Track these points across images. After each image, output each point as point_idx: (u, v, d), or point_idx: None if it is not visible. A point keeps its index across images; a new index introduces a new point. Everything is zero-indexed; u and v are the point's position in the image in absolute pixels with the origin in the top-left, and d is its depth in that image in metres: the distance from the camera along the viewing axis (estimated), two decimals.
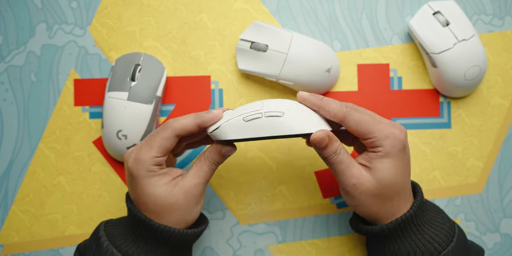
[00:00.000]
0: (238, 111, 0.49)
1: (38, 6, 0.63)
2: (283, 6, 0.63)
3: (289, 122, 0.48)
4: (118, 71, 0.59)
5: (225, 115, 0.50)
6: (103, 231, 0.52)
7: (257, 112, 0.48)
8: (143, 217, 0.50)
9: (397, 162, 0.48)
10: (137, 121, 0.58)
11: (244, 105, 0.50)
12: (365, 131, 0.48)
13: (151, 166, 0.50)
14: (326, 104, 0.49)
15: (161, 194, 0.50)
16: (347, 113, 0.49)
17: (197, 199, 0.51)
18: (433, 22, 0.59)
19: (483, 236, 0.62)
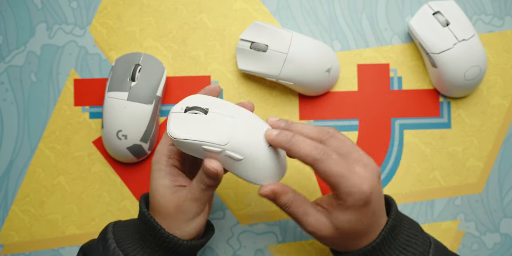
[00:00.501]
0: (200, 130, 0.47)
1: (38, 6, 0.63)
2: (283, 6, 0.63)
3: (244, 170, 0.48)
4: (118, 71, 0.59)
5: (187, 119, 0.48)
6: (111, 232, 0.51)
7: (218, 147, 0.47)
8: (154, 224, 0.50)
9: (358, 216, 0.47)
10: (137, 121, 0.58)
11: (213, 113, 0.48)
12: (331, 183, 0.47)
13: (163, 157, 0.51)
14: (295, 146, 0.46)
15: (160, 193, 0.50)
16: (316, 161, 0.46)
17: (189, 215, 0.50)
18: (433, 22, 0.59)
19: (483, 236, 0.62)
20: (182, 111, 0.48)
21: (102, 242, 0.51)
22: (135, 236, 0.51)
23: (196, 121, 0.48)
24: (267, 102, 0.62)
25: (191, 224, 0.51)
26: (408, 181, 0.62)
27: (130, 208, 0.62)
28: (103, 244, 0.51)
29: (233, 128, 0.47)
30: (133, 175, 0.62)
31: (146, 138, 0.59)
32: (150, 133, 0.59)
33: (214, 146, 0.47)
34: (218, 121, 0.48)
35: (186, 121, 0.48)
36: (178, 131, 0.47)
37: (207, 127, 0.47)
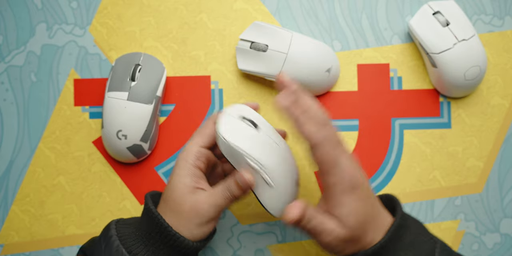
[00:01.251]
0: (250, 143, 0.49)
1: (38, 6, 0.63)
2: (283, 6, 0.63)
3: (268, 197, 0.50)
4: (118, 71, 0.59)
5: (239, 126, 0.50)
6: (114, 229, 0.51)
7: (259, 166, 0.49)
8: (161, 221, 0.50)
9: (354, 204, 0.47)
10: (137, 121, 0.58)
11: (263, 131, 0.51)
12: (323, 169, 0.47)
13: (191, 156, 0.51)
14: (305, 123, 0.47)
15: (178, 190, 0.51)
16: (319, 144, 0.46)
17: (203, 219, 0.50)
18: (433, 22, 0.59)
19: (483, 236, 0.62)
20: (236, 117, 0.51)
21: (105, 239, 0.50)
22: (138, 234, 0.51)
23: (247, 133, 0.50)
24: (267, 102, 0.62)
25: (202, 228, 0.51)
26: (408, 181, 0.62)
27: (130, 208, 0.62)
28: (106, 241, 0.50)
29: (278, 155, 0.50)
30: (133, 175, 0.62)
31: (146, 138, 0.59)
32: (150, 133, 0.59)
33: (255, 163, 0.49)
34: (266, 142, 0.50)
35: (238, 128, 0.50)
36: (230, 135, 0.49)
37: (256, 143, 0.49)
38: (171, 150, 0.62)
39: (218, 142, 0.50)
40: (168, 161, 0.62)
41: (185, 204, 0.50)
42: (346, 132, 0.62)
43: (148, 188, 0.62)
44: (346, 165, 0.47)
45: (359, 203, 0.47)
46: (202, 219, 0.50)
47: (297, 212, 0.47)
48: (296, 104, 0.47)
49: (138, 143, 0.59)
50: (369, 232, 0.48)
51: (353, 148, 0.62)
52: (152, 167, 0.62)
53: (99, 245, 0.50)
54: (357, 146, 0.62)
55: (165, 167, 0.62)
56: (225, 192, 0.50)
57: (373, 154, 0.62)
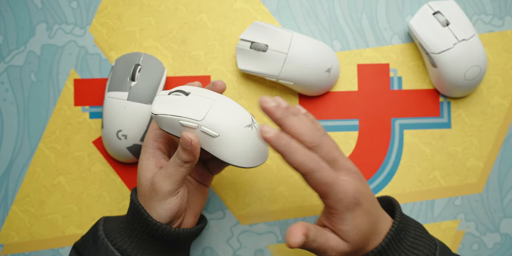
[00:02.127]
0: (180, 107, 0.48)
1: (38, 6, 0.63)
2: (283, 6, 0.63)
3: (220, 147, 0.48)
4: (118, 71, 0.59)
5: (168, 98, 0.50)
6: (101, 225, 0.51)
7: (194, 122, 0.48)
8: (142, 211, 0.50)
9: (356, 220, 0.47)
10: (137, 121, 0.58)
11: (194, 95, 0.49)
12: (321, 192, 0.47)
13: (149, 140, 0.52)
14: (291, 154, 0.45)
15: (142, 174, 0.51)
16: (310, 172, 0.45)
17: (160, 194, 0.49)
18: (433, 22, 0.59)
19: (483, 236, 0.62)
20: (166, 93, 0.50)
21: (92, 234, 0.51)
22: (123, 226, 0.51)
23: (177, 101, 0.49)
24: None
25: (163, 204, 0.50)
26: (408, 181, 0.62)
27: None
28: (93, 236, 0.51)
29: (210, 105, 0.48)
30: (133, 175, 0.62)
31: None
32: None
33: (190, 121, 0.48)
34: (197, 100, 0.49)
35: (168, 101, 0.50)
36: (156, 108, 0.49)
37: (187, 105, 0.49)
38: None
39: (155, 120, 0.50)
40: None
41: (147, 184, 0.50)
42: (346, 132, 0.62)
43: None
44: (344, 184, 0.46)
45: (362, 218, 0.47)
46: (160, 193, 0.49)
47: (300, 236, 0.45)
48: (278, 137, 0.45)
49: (138, 143, 0.59)
50: (370, 241, 0.48)
51: (353, 148, 0.62)
52: None
53: (87, 241, 0.51)
54: (357, 146, 0.62)
55: None
56: (174, 160, 0.49)
57: (373, 154, 0.62)
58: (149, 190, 0.50)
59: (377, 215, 0.49)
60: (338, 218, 0.47)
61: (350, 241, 0.47)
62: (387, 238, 0.48)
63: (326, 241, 0.47)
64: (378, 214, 0.49)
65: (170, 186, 0.49)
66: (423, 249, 0.49)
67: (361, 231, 0.47)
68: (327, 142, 0.48)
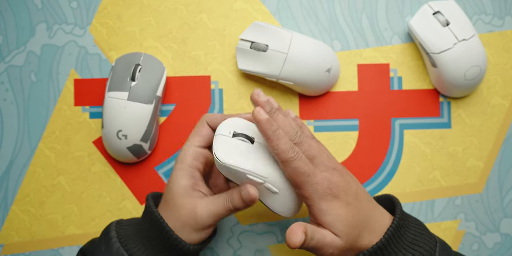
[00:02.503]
0: (247, 159, 0.49)
1: (38, 6, 0.63)
2: (283, 6, 0.63)
3: (275, 202, 0.50)
4: (118, 71, 0.59)
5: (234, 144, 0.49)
6: (114, 231, 0.51)
7: (261, 178, 0.49)
8: (164, 225, 0.50)
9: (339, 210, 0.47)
10: (137, 121, 0.58)
11: (258, 143, 0.50)
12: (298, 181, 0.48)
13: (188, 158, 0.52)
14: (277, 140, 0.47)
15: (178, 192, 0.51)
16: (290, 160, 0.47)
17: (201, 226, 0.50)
18: (433, 22, 0.59)
19: (483, 236, 0.62)
20: (230, 135, 0.50)
21: (105, 241, 0.50)
22: (139, 235, 0.51)
23: (243, 149, 0.49)
24: None
25: (200, 233, 0.51)
26: (408, 181, 0.62)
27: (130, 208, 0.62)
28: (106, 243, 0.50)
29: (273, 160, 0.49)
30: (133, 175, 0.62)
31: (146, 138, 0.59)
32: (150, 133, 0.59)
33: (257, 177, 0.48)
34: (263, 152, 0.49)
35: (233, 146, 0.49)
36: (225, 156, 0.48)
37: (253, 157, 0.49)
38: (171, 150, 0.62)
39: (216, 164, 0.49)
40: (168, 161, 0.62)
41: (183, 208, 0.50)
42: (346, 132, 0.62)
43: (148, 188, 0.62)
44: (321, 176, 0.48)
45: (342, 210, 0.48)
46: (200, 225, 0.50)
47: (301, 234, 0.46)
48: (269, 121, 0.47)
49: (138, 143, 0.59)
50: (365, 235, 0.49)
51: (353, 148, 0.62)
52: (152, 167, 0.62)
53: (99, 247, 0.50)
54: (357, 146, 0.62)
55: (165, 167, 0.62)
56: (227, 203, 0.50)
57: (373, 154, 0.62)
58: (186, 215, 0.50)
59: (366, 210, 0.49)
60: (316, 209, 0.48)
61: (340, 234, 0.47)
62: (387, 234, 0.48)
63: (323, 238, 0.47)
64: (368, 209, 0.50)
65: (213, 222, 0.51)
66: (423, 245, 0.49)
67: (346, 223, 0.48)
68: (308, 142, 0.49)
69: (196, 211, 0.50)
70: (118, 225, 0.52)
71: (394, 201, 0.52)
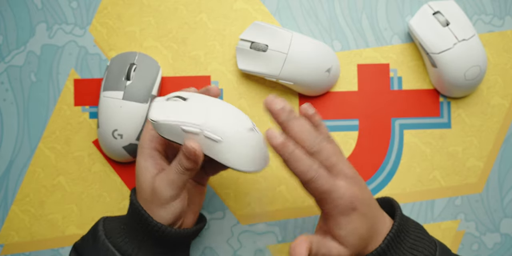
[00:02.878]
0: (180, 113, 0.48)
1: (38, 6, 0.63)
2: (283, 6, 0.63)
3: (223, 152, 0.48)
4: (113, 70, 0.59)
5: (167, 105, 0.49)
6: (101, 225, 0.51)
7: (196, 127, 0.47)
8: (140, 209, 0.50)
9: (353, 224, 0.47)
10: (133, 120, 0.58)
11: (193, 100, 0.49)
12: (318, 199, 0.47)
13: (145, 141, 0.51)
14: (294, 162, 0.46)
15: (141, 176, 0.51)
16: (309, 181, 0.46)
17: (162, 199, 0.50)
18: (433, 22, 0.59)
19: (483, 236, 0.62)
20: (164, 99, 0.50)
21: (93, 235, 0.51)
22: (123, 227, 0.51)
23: (175, 107, 0.48)
24: None
25: (166, 209, 0.50)
26: (408, 181, 0.62)
27: None
28: (94, 237, 0.51)
29: (211, 110, 0.48)
30: (133, 175, 0.62)
31: None
32: None
33: (192, 126, 0.47)
34: (196, 105, 0.48)
35: (167, 107, 0.49)
36: (157, 115, 0.48)
37: (186, 110, 0.48)
38: None
39: (153, 127, 0.49)
40: None
41: (148, 187, 0.50)
42: (346, 132, 0.62)
43: None
44: (340, 190, 0.47)
45: (358, 223, 0.47)
46: (162, 199, 0.49)
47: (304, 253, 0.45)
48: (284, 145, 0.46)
49: (134, 142, 0.59)
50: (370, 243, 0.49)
51: (353, 148, 0.62)
52: None
53: (87, 242, 0.51)
54: (357, 146, 0.62)
55: None
56: (177, 166, 0.49)
57: (373, 154, 0.62)
58: (150, 194, 0.50)
59: (375, 218, 0.49)
60: (334, 223, 0.47)
61: (349, 246, 0.47)
62: (387, 240, 0.48)
63: (328, 252, 0.47)
64: (376, 216, 0.49)
65: (172, 191, 0.50)
66: (423, 250, 0.49)
67: (358, 236, 0.47)
68: (326, 148, 0.48)
69: (155, 186, 0.50)
70: (106, 220, 0.53)
71: (394, 205, 0.52)
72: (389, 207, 0.53)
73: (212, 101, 0.50)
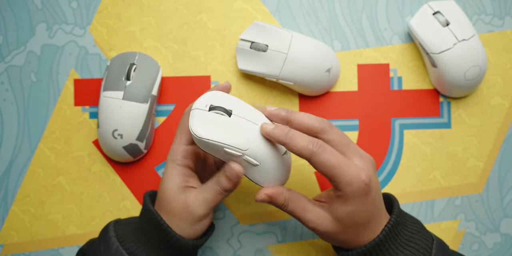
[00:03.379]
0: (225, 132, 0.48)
1: (38, 6, 0.63)
2: (283, 6, 0.63)
3: (257, 174, 0.49)
4: (113, 70, 0.59)
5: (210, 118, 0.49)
6: (112, 231, 0.51)
7: (239, 151, 0.48)
8: (161, 222, 0.50)
9: (358, 207, 0.47)
10: (133, 120, 0.58)
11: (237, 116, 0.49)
12: (328, 175, 0.47)
13: (178, 156, 0.51)
14: (291, 140, 0.46)
15: (169, 192, 0.51)
16: (313, 154, 0.46)
17: (195, 217, 0.50)
18: (433, 22, 0.59)
19: (483, 236, 0.62)
20: (206, 109, 0.49)
21: (104, 241, 0.50)
22: (138, 234, 0.51)
23: (220, 122, 0.48)
24: (267, 102, 0.62)
25: (196, 226, 0.51)
26: (408, 181, 0.62)
27: (130, 208, 0.62)
28: (105, 243, 0.50)
29: (255, 134, 0.48)
30: (133, 175, 0.62)
31: (142, 137, 0.59)
32: (146, 132, 0.59)
33: (235, 150, 0.48)
34: (241, 125, 0.48)
35: (210, 120, 0.48)
36: (202, 131, 0.48)
37: (231, 130, 0.48)
38: None
39: (194, 139, 0.49)
40: None
41: (177, 204, 0.50)
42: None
43: (148, 188, 0.62)
44: (356, 169, 0.47)
45: (365, 207, 0.47)
46: (195, 217, 0.50)
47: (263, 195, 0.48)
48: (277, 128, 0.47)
49: (134, 142, 0.59)
50: (365, 232, 0.49)
51: None
52: (152, 167, 0.62)
53: (98, 247, 0.50)
54: None
55: None
56: (215, 187, 0.50)
57: (373, 154, 0.62)
58: (179, 210, 0.50)
59: (378, 209, 0.49)
60: (342, 200, 0.47)
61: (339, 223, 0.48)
62: (385, 231, 0.49)
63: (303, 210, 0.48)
64: (380, 208, 0.50)
65: (206, 211, 0.50)
66: (420, 243, 0.49)
67: (356, 219, 0.48)
68: (335, 129, 0.48)
69: (188, 203, 0.50)
70: (117, 224, 0.53)
71: (392, 199, 0.53)
72: (388, 203, 0.53)
73: (254, 117, 0.50)
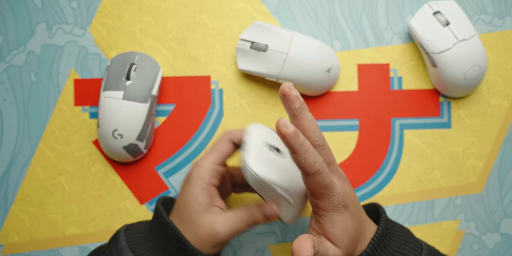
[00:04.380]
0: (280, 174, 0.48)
1: (38, 6, 0.63)
2: (283, 6, 0.63)
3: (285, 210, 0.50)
4: (113, 70, 0.59)
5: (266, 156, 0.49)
6: (124, 241, 0.50)
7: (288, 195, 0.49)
8: (180, 236, 0.49)
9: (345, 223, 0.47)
10: (133, 120, 0.58)
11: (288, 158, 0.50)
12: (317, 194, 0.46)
13: (207, 175, 0.51)
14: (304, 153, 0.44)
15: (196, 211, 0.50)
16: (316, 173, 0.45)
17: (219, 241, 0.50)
18: (433, 22, 0.59)
19: (483, 236, 0.62)
20: (262, 146, 0.49)
21: (116, 251, 0.50)
22: (153, 245, 0.50)
23: (276, 164, 0.49)
24: (267, 102, 0.62)
25: (218, 247, 0.51)
26: (408, 181, 0.62)
27: (130, 208, 0.62)
28: (117, 253, 0.50)
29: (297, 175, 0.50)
30: (133, 175, 0.62)
31: (142, 137, 0.59)
32: (146, 132, 0.59)
33: (286, 193, 0.49)
34: (290, 167, 0.49)
35: (267, 160, 0.48)
36: (261, 170, 0.47)
37: (284, 172, 0.49)
38: (171, 150, 0.62)
39: (246, 175, 0.48)
40: (168, 161, 0.62)
41: (203, 226, 0.50)
42: (346, 132, 0.62)
43: (148, 188, 0.62)
44: (338, 186, 0.47)
45: (349, 221, 0.47)
46: (220, 242, 0.50)
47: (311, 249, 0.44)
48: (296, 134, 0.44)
49: (134, 142, 0.59)
50: (358, 246, 0.49)
51: (353, 148, 0.62)
52: (152, 167, 0.62)
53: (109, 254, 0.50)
54: (357, 146, 0.62)
55: (166, 167, 0.62)
56: (247, 219, 0.50)
57: (373, 154, 0.62)
58: (204, 232, 0.50)
59: (362, 221, 0.49)
60: (327, 220, 0.47)
61: (342, 246, 0.47)
62: (371, 244, 0.48)
63: (326, 252, 0.47)
64: (363, 220, 0.49)
65: (232, 237, 0.51)
66: (408, 254, 0.49)
67: (350, 236, 0.47)
68: (327, 145, 0.48)
69: (215, 229, 0.50)
70: (127, 233, 0.52)
71: (379, 209, 0.52)
72: (375, 213, 0.53)
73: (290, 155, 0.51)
